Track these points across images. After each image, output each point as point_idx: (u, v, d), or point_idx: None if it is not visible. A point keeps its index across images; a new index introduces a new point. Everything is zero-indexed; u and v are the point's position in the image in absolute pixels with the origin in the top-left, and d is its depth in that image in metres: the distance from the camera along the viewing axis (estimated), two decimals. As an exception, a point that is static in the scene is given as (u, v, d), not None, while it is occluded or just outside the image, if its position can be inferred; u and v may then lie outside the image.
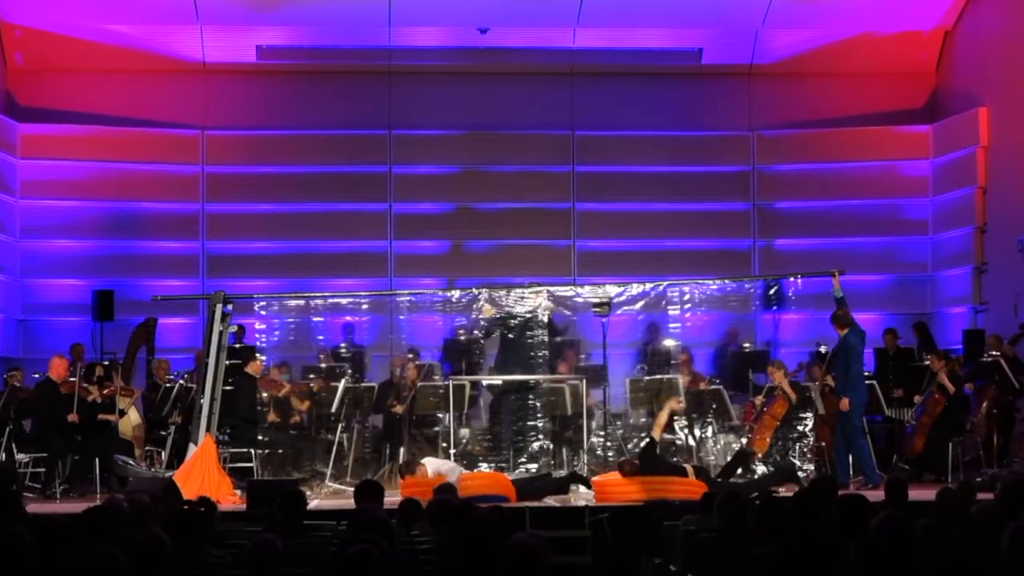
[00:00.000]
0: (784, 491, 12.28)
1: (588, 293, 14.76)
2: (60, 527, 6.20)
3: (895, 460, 14.95)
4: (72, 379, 13.96)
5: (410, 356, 15.72)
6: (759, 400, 14.67)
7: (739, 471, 13.90)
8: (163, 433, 14.70)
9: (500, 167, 18.93)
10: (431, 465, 12.98)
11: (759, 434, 14.26)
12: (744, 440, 14.50)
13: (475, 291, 14.92)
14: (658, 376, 14.77)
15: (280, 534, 6.74)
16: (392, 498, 9.52)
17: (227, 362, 13.67)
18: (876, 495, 9.19)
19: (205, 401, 13.28)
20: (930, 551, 5.59)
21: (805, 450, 14.09)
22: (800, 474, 13.60)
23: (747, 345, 17.02)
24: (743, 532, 7.29)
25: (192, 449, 13.15)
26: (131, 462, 13.95)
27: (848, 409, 13.59)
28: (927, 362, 15.16)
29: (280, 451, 14.23)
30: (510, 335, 14.63)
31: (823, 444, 14.38)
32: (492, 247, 18.89)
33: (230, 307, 13.75)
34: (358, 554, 5.57)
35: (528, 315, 14.55)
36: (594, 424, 14.59)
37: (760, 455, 14.15)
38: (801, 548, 6.34)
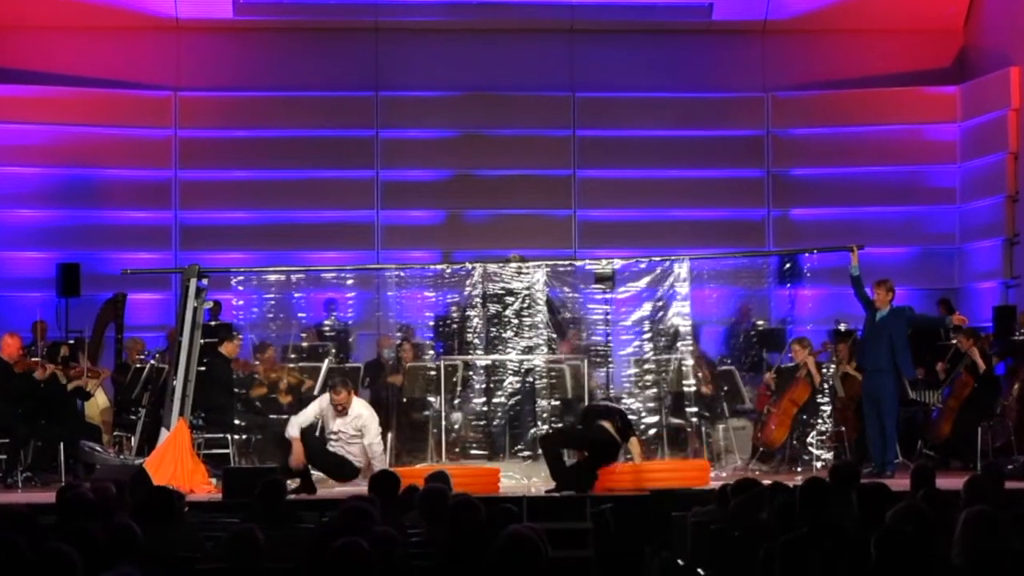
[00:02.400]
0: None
1: (590, 267, 14.73)
2: (22, 518, 6.19)
3: (920, 446, 14.92)
4: (34, 359, 13.91)
5: (399, 334, 15.67)
6: (770, 375, 14.70)
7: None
8: (133, 417, 14.66)
9: (494, 131, 18.86)
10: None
11: (777, 421, 14.22)
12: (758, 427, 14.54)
13: (468, 265, 14.89)
14: (665, 356, 14.75)
15: (259, 525, 6.73)
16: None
17: (202, 341, 13.65)
18: (900, 484, 9.21)
19: (178, 383, 13.25)
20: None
21: (823, 437, 14.09)
22: (819, 462, 13.63)
23: (761, 323, 16.99)
24: (757, 524, 7.30)
25: (164, 434, 13.13)
26: (98, 448, 13.93)
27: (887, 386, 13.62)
28: (954, 341, 15.12)
29: (259, 437, 14.21)
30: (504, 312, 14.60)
31: (842, 429, 14.38)
32: (487, 217, 18.84)
33: (205, 282, 13.72)
34: (346, 547, 5.57)
35: (525, 291, 14.51)
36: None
37: (776, 447, 14.18)
38: (812, 539, 6.35)
